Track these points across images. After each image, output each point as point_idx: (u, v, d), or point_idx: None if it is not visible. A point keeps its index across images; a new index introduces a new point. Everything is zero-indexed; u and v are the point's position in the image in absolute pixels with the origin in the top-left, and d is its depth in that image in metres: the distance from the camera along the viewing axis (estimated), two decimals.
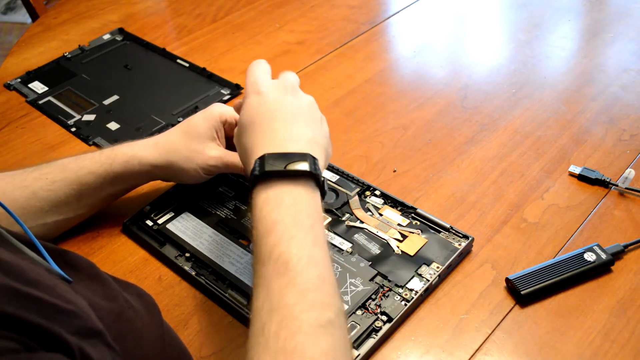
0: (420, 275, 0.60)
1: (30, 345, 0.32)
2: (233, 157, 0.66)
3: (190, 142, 0.65)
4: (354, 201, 0.68)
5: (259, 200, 0.48)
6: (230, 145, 0.67)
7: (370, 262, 0.61)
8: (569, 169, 0.72)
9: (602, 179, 0.70)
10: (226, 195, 0.70)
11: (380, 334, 0.55)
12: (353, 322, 0.56)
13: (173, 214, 0.68)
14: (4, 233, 0.42)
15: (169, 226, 0.67)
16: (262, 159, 0.49)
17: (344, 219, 0.66)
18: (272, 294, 0.43)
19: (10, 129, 0.86)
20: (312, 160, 0.49)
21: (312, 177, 0.49)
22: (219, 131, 0.66)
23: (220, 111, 0.67)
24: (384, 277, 0.60)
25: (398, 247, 0.63)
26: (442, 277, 0.61)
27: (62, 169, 0.64)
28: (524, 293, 0.58)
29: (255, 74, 0.57)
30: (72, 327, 0.35)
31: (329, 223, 0.66)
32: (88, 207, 0.67)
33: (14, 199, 0.62)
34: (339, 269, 0.60)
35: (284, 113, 0.53)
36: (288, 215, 0.47)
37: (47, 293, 0.36)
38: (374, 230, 0.65)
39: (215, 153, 0.65)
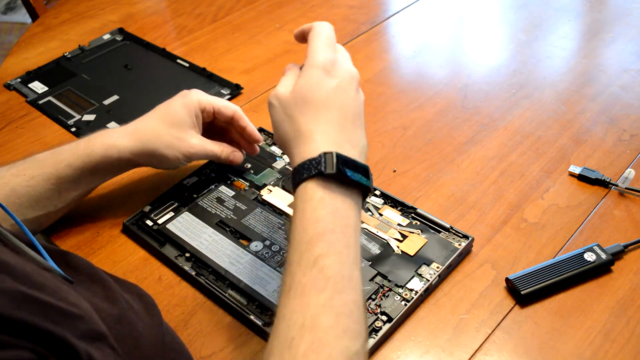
0: (420, 275, 0.60)
1: (43, 354, 0.32)
2: (212, 146, 0.68)
3: (171, 129, 0.66)
4: None
5: (315, 196, 0.46)
6: (205, 131, 0.69)
7: (370, 262, 0.61)
8: (569, 169, 0.72)
9: (602, 179, 0.70)
10: (226, 195, 0.70)
11: (380, 334, 0.55)
12: None
13: (173, 214, 0.68)
14: (5, 234, 0.42)
15: (169, 226, 0.67)
16: (332, 156, 0.46)
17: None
18: (307, 309, 0.42)
19: (10, 129, 0.86)
20: (369, 173, 0.49)
21: (366, 191, 0.48)
22: (197, 118, 0.67)
23: (199, 98, 0.67)
24: (384, 277, 0.60)
25: (398, 247, 0.63)
26: (442, 277, 0.61)
27: (40, 164, 0.64)
28: (524, 293, 0.58)
29: (326, 43, 0.52)
30: (78, 330, 0.35)
31: None
32: (69, 201, 0.66)
33: None
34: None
35: (352, 110, 0.51)
36: (339, 227, 0.45)
37: (52, 296, 0.36)
38: (374, 230, 0.65)
39: (197, 141, 0.67)
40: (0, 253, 0.38)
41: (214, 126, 0.71)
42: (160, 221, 0.67)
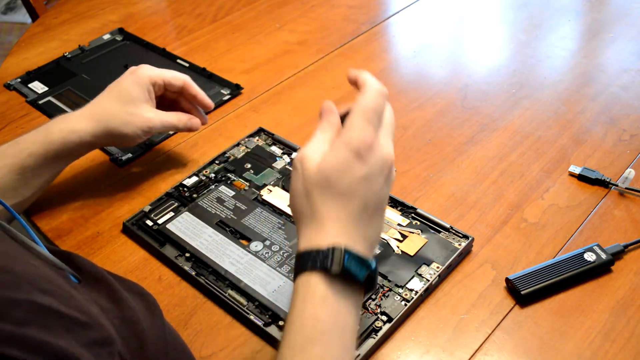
0: (420, 275, 0.60)
1: None
2: (169, 117, 0.70)
3: (126, 106, 0.68)
4: None
5: (317, 292, 0.43)
6: (157, 104, 0.72)
7: None
8: (569, 169, 0.72)
9: (602, 179, 0.70)
10: (226, 195, 0.70)
11: (380, 334, 0.55)
12: None
13: (173, 214, 0.68)
14: (15, 233, 0.42)
15: (169, 226, 0.67)
16: (341, 253, 0.43)
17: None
18: None
19: (10, 129, 0.86)
20: (376, 270, 0.46)
21: (369, 290, 0.46)
22: (150, 92, 0.69)
23: (150, 74, 0.70)
24: (384, 277, 0.60)
25: (398, 247, 0.63)
26: (442, 277, 0.61)
27: (1, 155, 0.65)
28: (524, 293, 0.58)
29: (369, 117, 0.46)
30: (87, 339, 0.36)
31: None
32: (35, 189, 0.67)
33: None
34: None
35: (375, 202, 0.46)
36: (338, 329, 0.44)
37: (63, 303, 0.36)
38: None
39: (152, 115, 0.69)
40: (12, 251, 0.38)
41: (166, 98, 0.74)
42: (160, 221, 0.67)
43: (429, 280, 0.59)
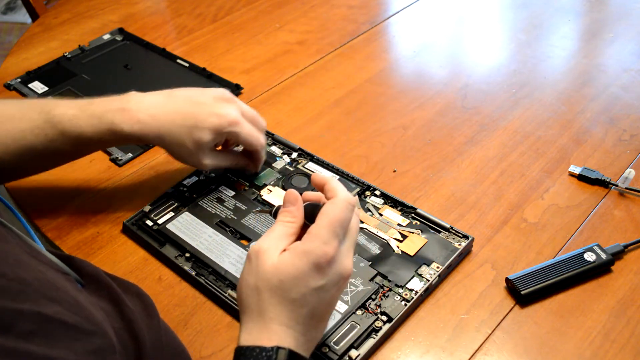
0: (420, 275, 0.60)
1: None
2: (224, 162, 0.69)
3: (191, 143, 0.64)
4: None
5: None
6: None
7: (370, 262, 0.61)
8: (569, 169, 0.72)
9: (602, 179, 0.70)
10: (226, 195, 0.70)
11: (380, 334, 0.55)
12: (353, 322, 0.56)
13: (173, 214, 0.68)
14: (20, 234, 0.42)
15: (169, 226, 0.67)
16: (286, 354, 0.43)
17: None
18: None
19: None
20: None
21: None
22: (221, 139, 0.67)
23: (229, 137, 0.66)
24: (384, 277, 0.60)
25: (398, 247, 0.63)
26: (442, 277, 0.61)
27: (62, 126, 0.63)
28: (524, 293, 0.58)
29: (334, 229, 0.46)
30: (92, 346, 0.37)
31: None
32: (73, 159, 0.69)
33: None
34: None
35: (324, 309, 0.47)
36: None
37: (69, 310, 0.37)
38: (374, 230, 0.65)
39: (208, 162, 0.66)
40: (19, 254, 0.38)
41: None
42: (160, 221, 0.67)
43: (429, 280, 0.59)
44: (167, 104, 0.65)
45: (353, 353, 0.54)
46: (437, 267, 0.60)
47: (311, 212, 0.49)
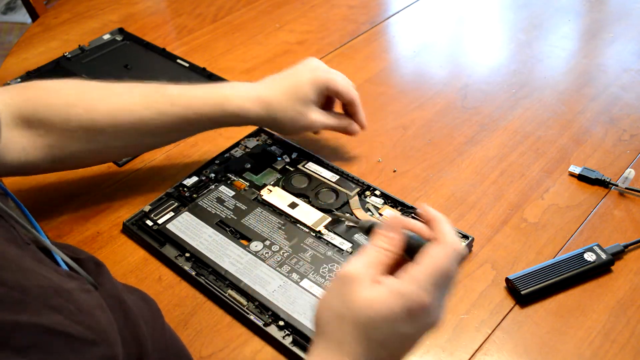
0: None
1: None
2: (331, 121, 0.72)
3: (297, 104, 0.69)
4: (354, 201, 0.68)
5: None
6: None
7: None
8: (569, 169, 0.72)
9: (602, 179, 0.70)
10: (226, 195, 0.70)
11: None
12: None
13: (173, 214, 0.68)
14: (31, 230, 0.42)
15: (169, 226, 0.67)
16: None
17: (343, 218, 0.66)
18: None
19: None
20: None
21: None
22: (321, 95, 0.70)
23: (327, 80, 0.70)
24: None
25: None
26: None
27: (172, 100, 0.67)
28: (524, 293, 0.58)
29: (436, 279, 0.41)
30: (93, 357, 0.37)
31: (329, 223, 0.66)
32: (178, 139, 0.74)
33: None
34: (340, 269, 0.60)
35: (400, 354, 0.43)
36: None
37: (71, 318, 0.36)
38: None
39: (317, 117, 0.70)
40: (24, 258, 0.38)
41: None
42: (160, 221, 0.67)
43: None
44: (266, 81, 0.71)
45: None
46: None
47: (411, 246, 0.44)
